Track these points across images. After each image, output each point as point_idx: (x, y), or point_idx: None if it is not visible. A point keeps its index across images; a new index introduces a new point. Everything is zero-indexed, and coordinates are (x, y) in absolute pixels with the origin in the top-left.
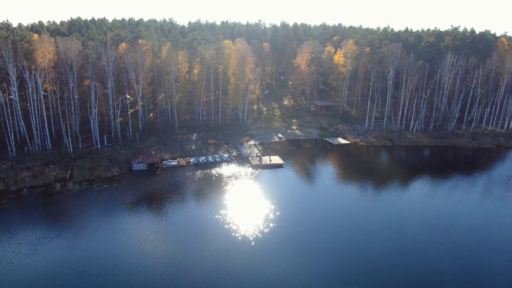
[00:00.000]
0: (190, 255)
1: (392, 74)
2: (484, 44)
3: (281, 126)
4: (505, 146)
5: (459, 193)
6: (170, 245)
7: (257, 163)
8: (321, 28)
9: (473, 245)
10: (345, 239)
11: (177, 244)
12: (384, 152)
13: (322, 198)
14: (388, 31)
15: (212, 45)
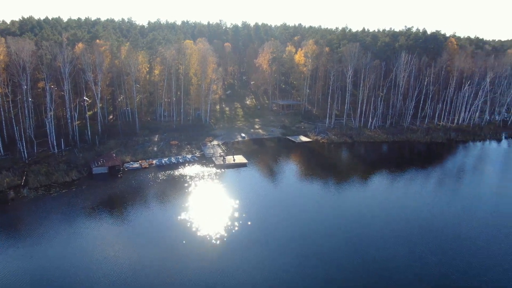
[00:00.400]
0: (153, 257)
1: (350, 73)
2: (435, 43)
3: (244, 126)
4: (456, 140)
5: (415, 185)
6: (132, 248)
7: (221, 163)
8: (282, 28)
9: (426, 232)
10: (308, 233)
11: (140, 247)
12: (344, 148)
13: (286, 195)
14: (346, 32)
15: (173, 45)
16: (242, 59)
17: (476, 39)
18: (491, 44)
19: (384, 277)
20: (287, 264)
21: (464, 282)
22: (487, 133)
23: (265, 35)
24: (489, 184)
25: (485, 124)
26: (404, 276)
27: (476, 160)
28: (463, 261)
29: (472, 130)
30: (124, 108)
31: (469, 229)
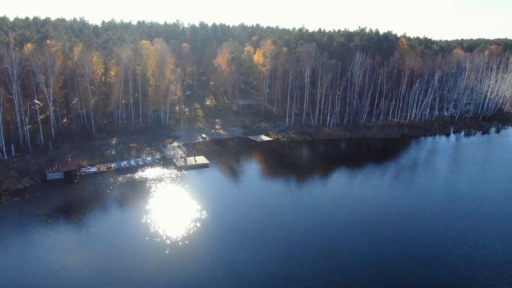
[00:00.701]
0: (113, 263)
1: (308, 72)
2: (387, 43)
3: (204, 126)
4: (409, 135)
5: (373, 180)
6: (92, 255)
7: (182, 164)
8: (240, 28)
9: (383, 223)
10: (271, 230)
11: (100, 253)
12: (304, 146)
13: (249, 194)
14: (303, 32)
15: (129, 45)
16: (200, 59)
17: (424, 39)
18: (438, 44)
19: (346, 267)
20: (250, 261)
21: (418, 269)
22: (437, 128)
23: (223, 35)
24: (439, 176)
25: (435, 119)
26: (366, 265)
27: (427, 154)
28: (417, 249)
29: (423, 125)
30: (79, 111)
31: (422, 218)
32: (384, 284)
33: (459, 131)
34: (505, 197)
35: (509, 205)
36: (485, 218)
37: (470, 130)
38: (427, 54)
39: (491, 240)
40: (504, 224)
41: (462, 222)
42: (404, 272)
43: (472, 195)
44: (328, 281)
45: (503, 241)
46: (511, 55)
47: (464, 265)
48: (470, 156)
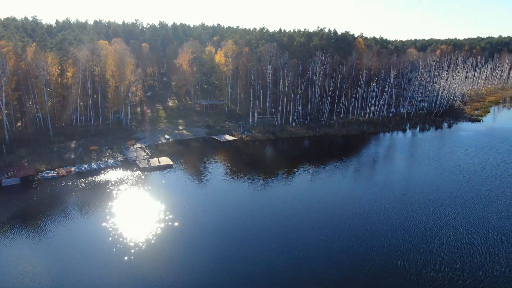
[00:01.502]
0: (75, 269)
1: (270, 72)
2: (345, 43)
3: (167, 127)
4: (368, 132)
5: (335, 176)
6: (52, 262)
7: (146, 165)
8: (201, 28)
9: (346, 218)
10: (236, 229)
11: (61, 260)
12: (268, 145)
13: (214, 193)
14: (264, 32)
15: (86, 45)
16: (161, 59)
17: (380, 39)
18: (394, 44)
19: (310, 262)
20: (216, 260)
21: (377, 259)
22: (394, 124)
23: (184, 35)
24: (397, 170)
25: (392, 116)
26: (328, 258)
27: (386, 150)
28: (377, 241)
29: (382, 122)
30: (35, 114)
31: (380, 212)
32: (345, 274)
33: (414, 127)
34: (455, 188)
35: (459, 196)
36: (438, 209)
37: (425, 125)
38: (383, 54)
39: (444, 229)
40: (456, 213)
41: (418, 214)
42: (364, 263)
43: (426, 188)
44: (292, 276)
45: (454, 229)
46: (460, 55)
47: (420, 253)
48: (425, 150)
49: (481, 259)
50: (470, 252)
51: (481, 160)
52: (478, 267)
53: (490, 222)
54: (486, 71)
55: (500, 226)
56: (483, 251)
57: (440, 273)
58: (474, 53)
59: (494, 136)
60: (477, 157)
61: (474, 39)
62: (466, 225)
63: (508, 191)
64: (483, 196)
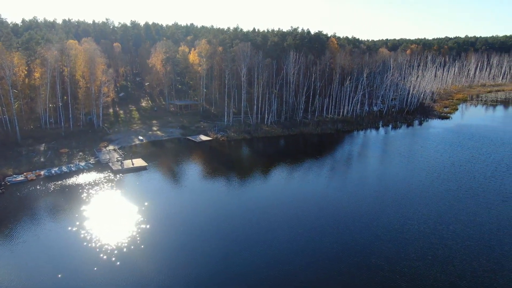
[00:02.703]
0: (42, 276)
1: (244, 71)
2: (319, 43)
3: (141, 129)
4: (342, 130)
5: (311, 175)
6: (17, 270)
7: (119, 168)
8: (174, 28)
9: (322, 216)
10: (213, 230)
11: (26, 267)
12: (244, 145)
13: (189, 194)
14: (238, 31)
15: (54, 45)
16: (134, 59)
17: (353, 39)
18: (366, 44)
19: (283, 261)
20: (192, 262)
21: (352, 257)
22: (367, 122)
23: (157, 35)
24: (371, 168)
25: (365, 114)
26: (302, 256)
27: (360, 148)
28: (351, 238)
29: (355, 120)
30: (1, 116)
31: (354, 209)
32: (320, 273)
33: (387, 125)
34: (425, 185)
35: (430, 192)
36: (410, 206)
37: (397, 123)
38: (356, 53)
39: (416, 224)
40: (427, 209)
41: (390, 211)
42: (338, 261)
43: (398, 184)
44: (268, 276)
45: (426, 223)
46: (429, 54)
47: (392, 248)
48: (397, 148)
49: (451, 253)
50: (441, 247)
51: (450, 157)
52: (448, 261)
53: (459, 217)
54: (454, 70)
55: (470, 221)
56: (453, 246)
57: (412, 268)
58: (442, 53)
59: (462, 132)
60: (446, 154)
61: (442, 39)
62: (436, 221)
63: (474, 186)
64: (452, 192)
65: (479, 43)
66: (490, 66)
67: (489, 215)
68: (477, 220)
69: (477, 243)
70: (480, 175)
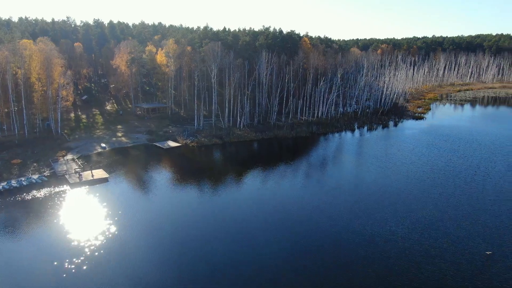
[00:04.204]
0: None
1: (215, 72)
2: (291, 43)
3: (104, 135)
4: (317, 133)
5: (285, 180)
6: None
7: (77, 181)
8: (140, 27)
9: (296, 222)
10: (181, 241)
11: None
12: (215, 150)
13: (154, 208)
14: (208, 30)
15: (5, 45)
16: (98, 60)
17: (325, 38)
18: (338, 43)
19: (262, 269)
20: (161, 271)
21: (324, 260)
22: (342, 124)
23: (122, 34)
24: (347, 172)
25: (340, 116)
26: (279, 263)
27: (336, 151)
28: (327, 241)
29: (330, 122)
30: None
31: (330, 214)
32: (295, 279)
33: (362, 126)
34: (404, 191)
35: (410, 199)
36: (390, 210)
37: (372, 124)
38: (329, 53)
39: (394, 237)
40: (408, 213)
41: (367, 215)
42: (313, 265)
43: (375, 188)
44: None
45: (401, 225)
46: (400, 54)
47: (364, 251)
48: (374, 151)
49: (440, 271)
50: (418, 252)
51: (428, 160)
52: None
53: (447, 230)
54: (424, 70)
55: (455, 233)
56: (441, 264)
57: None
58: (412, 52)
59: (437, 134)
60: (424, 157)
61: (411, 38)
62: (418, 231)
63: (456, 192)
64: (435, 199)
65: (446, 43)
66: (458, 66)
67: (474, 226)
68: (463, 233)
69: (468, 263)
70: (460, 180)
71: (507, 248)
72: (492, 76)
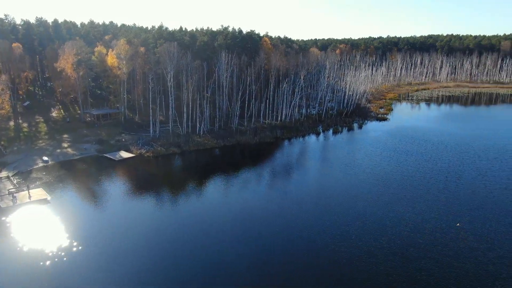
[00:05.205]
0: None
1: (171, 74)
2: (251, 43)
3: (48, 146)
4: (282, 138)
5: (248, 192)
6: None
7: (10, 204)
8: (89, 26)
9: (263, 229)
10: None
11: None
12: (173, 160)
13: (102, 229)
14: (163, 30)
15: None
16: (42, 62)
17: (285, 38)
18: (298, 43)
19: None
20: None
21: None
22: (307, 127)
23: (68, 34)
24: (313, 181)
25: (304, 119)
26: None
27: (301, 158)
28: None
29: (294, 126)
30: None
31: (294, 223)
32: None
33: (327, 129)
34: (378, 205)
35: (383, 217)
36: (365, 230)
37: (337, 127)
38: (290, 54)
39: (355, 234)
40: (385, 238)
41: (334, 228)
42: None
43: (342, 197)
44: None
45: (362, 228)
46: (358, 54)
47: (327, 256)
48: (341, 157)
49: None
50: None
51: (397, 166)
52: None
53: (428, 254)
54: (382, 70)
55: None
56: None
57: None
58: (369, 52)
59: (403, 136)
60: (393, 162)
61: (367, 38)
62: (382, 232)
63: (434, 204)
64: (414, 216)
65: (401, 43)
66: (414, 65)
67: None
68: (451, 252)
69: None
70: (433, 187)
71: None
72: (446, 75)
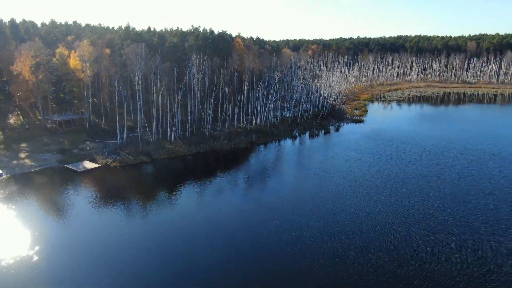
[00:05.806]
0: None
1: (139, 77)
2: (223, 44)
3: (3, 157)
4: (257, 143)
5: (225, 196)
6: None
7: None
8: (50, 26)
9: (238, 237)
10: None
11: None
12: (142, 171)
13: (66, 250)
14: (130, 30)
15: None
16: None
17: (258, 39)
18: (270, 44)
19: None
20: None
21: None
22: (282, 131)
23: (27, 35)
24: (291, 189)
25: (280, 122)
26: None
27: (279, 164)
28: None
29: (270, 130)
30: None
31: (276, 227)
32: None
33: (303, 133)
34: (360, 216)
35: (367, 228)
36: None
37: (313, 130)
38: (263, 55)
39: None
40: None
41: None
42: None
43: (326, 215)
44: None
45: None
46: (330, 54)
47: None
48: (319, 163)
49: None
50: None
51: (377, 171)
52: None
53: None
54: (354, 70)
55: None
56: None
57: None
58: (341, 53)
59: (380, 139)
60: (373, 168)
61: (339, 39)
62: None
63: (421, 216)
64: (401, 229)
65: (372, 43)
66: (385, 66)
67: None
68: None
69: None
70: (418, 192)
71: None
72: (416, 75)
